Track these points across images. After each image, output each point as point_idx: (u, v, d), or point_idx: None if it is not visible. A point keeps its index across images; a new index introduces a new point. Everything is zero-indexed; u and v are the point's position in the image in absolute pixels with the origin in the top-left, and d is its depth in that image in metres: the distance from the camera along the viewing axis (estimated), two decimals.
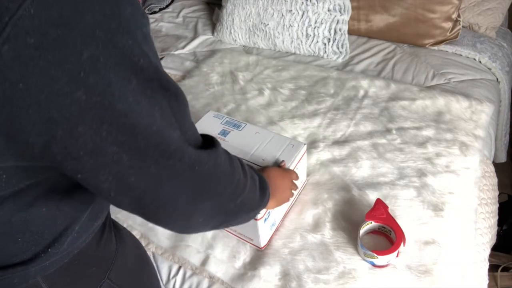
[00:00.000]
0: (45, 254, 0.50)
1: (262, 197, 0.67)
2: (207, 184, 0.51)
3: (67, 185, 0.48)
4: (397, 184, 1.04)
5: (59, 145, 0.37)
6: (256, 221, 0.85)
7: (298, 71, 1.50)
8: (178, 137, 0.45)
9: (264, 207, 0.70)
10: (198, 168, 0.48)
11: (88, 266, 0.59)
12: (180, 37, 1.86)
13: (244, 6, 1.68)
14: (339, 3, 1.54)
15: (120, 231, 0.69)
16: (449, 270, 0.88)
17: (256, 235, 0.90)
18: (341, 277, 0.87)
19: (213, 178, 0.52)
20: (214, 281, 0.93)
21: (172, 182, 0.46)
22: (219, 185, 0.53)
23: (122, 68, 0.37)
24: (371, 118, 1.26)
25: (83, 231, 0.55)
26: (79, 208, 0.52)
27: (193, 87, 1.48)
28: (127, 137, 0.40)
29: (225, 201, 0.56)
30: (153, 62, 0.40)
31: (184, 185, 0.48)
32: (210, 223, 0.57)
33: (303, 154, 0.97)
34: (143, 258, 0.76)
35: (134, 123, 0.40)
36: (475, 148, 1.13)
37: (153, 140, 0.42)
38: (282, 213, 0.97)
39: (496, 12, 1.62)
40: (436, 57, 1.54)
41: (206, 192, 0.52)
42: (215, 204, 0.54)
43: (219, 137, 1.00)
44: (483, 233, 1.01)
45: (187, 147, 0.46)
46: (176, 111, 0.45)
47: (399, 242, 0.87)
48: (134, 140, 0.40)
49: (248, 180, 0.61)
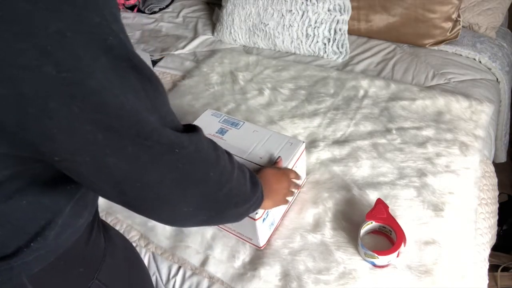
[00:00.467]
0: (28, 249, 0.50)
1: (253, 190, 0.65)
2: (190, 168, 0.50)
3: (47, 178, 0.48)
4: (397, 184, 1.04)
5: (31, 123, 0.37)
6: (255, 221, 0.85)
7: (298, 71, 1.50)
8: (156, 120, 0.44)
9: (257, 202, 0.68)
10: (178, 151, 0.47)
11: (75, 267, 0.59)
12: (180, 37, 1.86)
13: (244, 6, 1.68)
14: (339, 3, 1.54)
15: (109, 232, 0.68)
16: (449, 270, 0.88)
17: (255, 235, 0.90)
18: (342, 277, 0.87)
19: (195, 163, 0.50)
20: (214, 281, 0.93)
21: (153, 165, 0.45)
22: (203, 170, 0.52)
23: (90, 44, 0.37)
24: (371, 118, 1.26)
25: (67, 227, 0.54)
26: (61, 202, 0.52)
27: (193, 87, 1.48)
28: (100, 115, 0.39)
29: (212, 190, 0.54)
30: (123, 42, 0.40)
31: (165, 170, 0.47)
32: (199, 214, 0.55)
33: (301, 152, 0.97)
34: (134, 259, 0.75)
35: (106, 100, 0.39)
36: (475, 148, 1.13)
37: (128, 119, 0.41)
38: (281, 212, 0.97)
39: (496, 12, 1.62)
40: (436, 57, 1.54)
41: (189, 178, 0.50)
42: (201, 192, 0.53)
43: (216, 136, 1.00)
44: (483, 233, 1.01)
45: (165, 129, 0.45)
46: (151, 96, 0.44)
47: (400, 242, 0.87)
48: (108, 118, 0.40)
49: (235, 169, 0.59)
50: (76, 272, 0.59)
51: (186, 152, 0.48)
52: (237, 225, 0.91)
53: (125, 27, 0.42)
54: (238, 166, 0.61)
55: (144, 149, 0.44)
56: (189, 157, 0.49)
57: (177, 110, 1.37)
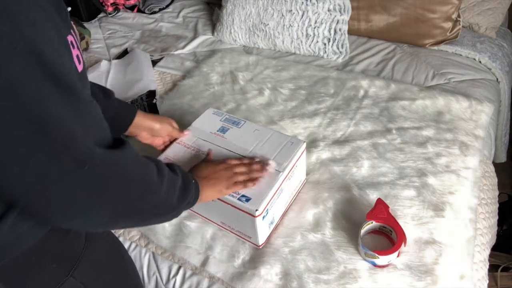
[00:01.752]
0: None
1: (184, 196, 0.66)
2: (105, 184, 0.49)
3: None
4: (397, 184, 1.04)
5: None
6: (255, 218, 0.85)
7: (298, 71, 1.50)
8: (72, 132, 0.44)
9: (187, 205, 0.69)
10: (90, 166, 0.46)
11: (47, 263, 0.58)
12: (180, 37, 1.86)
13: (244, 6, 1.68)
14: (339, 3, 1.54)
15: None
16: (449, 270, 0.88)
17: (254, 233, 0.90)
18: (342, 277, 0.87)
19: (113, 179, 0.50)
20: (214, 281, 0.93)
21: (61, 179, 0.44)
22: (122, 186, 0.52)
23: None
24: (371, 118, 1.26)
25: (23, 220, 0.53)
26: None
27: (193, 87, 1.48)
28: (7, 124, 0.39)
29: (133, 202, 0.54)
30: (39, 49, 0.40)
31: (75, 184, 0.46)
32: (120, 222, 0.56)
33: (302, 151, 0.97)
34: (118, 256, 0.74)
35: (15, 108, 0.39)
36: (475, 148, 1.13)
37: (34, 123, 0.40)
38: (281, 211, 0.97)
39: (496, 12, 1.62)
40: (436, 57, 1.54)
41: (105, 193, 0.50)
42: (120, 205, 0.53)
43: (218, 134, 1.00)
44: (483, 233, 1.01)
45: (84, 139, 0.45)
46: (71, 106, 0.43)
47: (400, 242, 0.87)
48: (13, 119, 0.39)
49: (164, 183, 0.59)
50: (48, 268, 0.58)
51: (101, 168, 0.48)
52: (237, 223, 0.91)
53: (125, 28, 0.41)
54: (168, 177, 0.62)
55: (52, 162, 0.43)
56: (104, 173, 0.49)
57: (177, 110, 1.37)
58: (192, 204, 0.72)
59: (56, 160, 0.43)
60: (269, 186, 0.87)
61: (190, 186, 0.70)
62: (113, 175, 0.50)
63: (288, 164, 0.92)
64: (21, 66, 0.38)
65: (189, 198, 0.69)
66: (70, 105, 0.44)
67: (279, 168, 0.91)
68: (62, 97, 0.43)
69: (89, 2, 2.03)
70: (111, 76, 1.63)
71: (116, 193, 0.51)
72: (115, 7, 2.07)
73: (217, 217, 0.96)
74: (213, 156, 0.94)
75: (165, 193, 0.60)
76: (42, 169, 0.43)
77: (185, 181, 0.68)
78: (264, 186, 0.87)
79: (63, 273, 0.60)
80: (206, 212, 0.98)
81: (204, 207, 0.96)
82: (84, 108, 0.47)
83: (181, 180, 0.66)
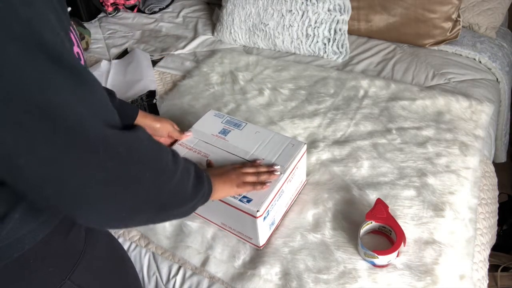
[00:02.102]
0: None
1: (198, 187, 0.63)
2: (121, 169, 0.46)
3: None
4: (397, 184, 1.04)
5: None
6: (256, 219, 0.85)
7: (298, 71, 1.50)
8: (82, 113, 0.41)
9: (204, 197, 0.67)
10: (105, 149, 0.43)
11: (44, 266, 0.57)
12: (180, 37, 1.86)
13: (244, 6, 1.68)
14: (339, 3, 1.55)
15: (93, 231, 0.66)
16: (449, 270, 0.88)
17: (255, 234, 0.90)
18: (342, 277, 0.87)
19: (128, 163, 0.46)
20: (214, 281, 0.93)
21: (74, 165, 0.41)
22: (137, 171, 0.48)
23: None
24: (371, 118, 1.26)
25: (24, 223, 0.52)
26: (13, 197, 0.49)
27: (193, 87, 1.48)
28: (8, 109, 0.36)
29: (148, 191, 0.51)
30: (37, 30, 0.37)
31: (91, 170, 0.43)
32: (136, 217, 0.53)
33: (303, 153, 0.97)
34: (118, 259, 0.73)
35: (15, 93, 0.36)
36: (475, 148, 1.13)
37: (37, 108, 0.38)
38: (281, 212, 0.97)
39: (496, 12, 1.62)
40: (436, 57, 1.54)
41: (120, 179, 0.46)
42: (135, 194, 0.49)
43: (219, 136, 1.00)
44: (483, 233, 1.01)
45: (93, 122, 0.42)
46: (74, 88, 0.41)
47: (400, 242, 0.87)
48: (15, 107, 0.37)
49: (178, 170, 0.56)
50: (45, 271, 0.58)
51: (115, 151, 0.45)
52: (238, 224, 0.91)
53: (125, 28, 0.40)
54: (183, 166, 0.59)
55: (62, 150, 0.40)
56: (119, 157, 0.45)
57: (177, 110, 1.37)
58: (207, 197, 0.69)
59: (66, 147, 0.40)
60: (270, 187, 0.87)
61: (203, 177, 0.67)
62: (129, 157, 0.47)
63: (289, 166, 0.92)
64: (17, 47, 0.36)
65: (203, 189, 0.66)
66: (76, 87, 0.41)
67: (280, 170, 0.91)
68: (66, 79, 0.40)
69: (89, 2, 2.03)
70: (111, 76, 1.63)
71: (134, 177, 0.48)
72: (115, 7, 2.08)
73: (217, 218, 0.96)
74: (214, 165, 0.93)
75: (180, 180, 0.57)
76: (52, 158, 0.40)
77: (199, 172, 0.65)
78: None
79: (60, 277, 0.59)
80: (206, 213, 0.98)
81: (204, 208, 0.96)
82: (91, 89, 0.44)
83: (194, 168, 0.63)
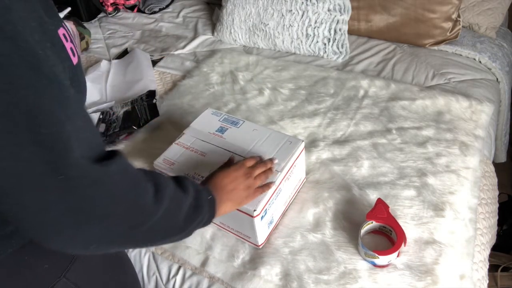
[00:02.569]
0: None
1: (192, 217, 0.59)
2: (86, 201, 0.42)
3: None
4: (397, 184, 1.04)
5: None
6: (253, 219, 0.85)
7: (298, 71, 1.50)
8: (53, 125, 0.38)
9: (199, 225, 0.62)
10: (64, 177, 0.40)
11: (39, 263, 0.57)
12: (180, 37, 1.86)
13: (244, 6, 1.68)
14: (339, 3, 1.54)
15: None
16: (449, 270, 0.88)
17: (253, 233, 0.90)
18: (342, 277, 0.87)
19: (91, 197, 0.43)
20: (214, 281, 0.93)
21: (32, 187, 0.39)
22: (103, 206, 0.44)
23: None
24: (371, 118, 1.26)
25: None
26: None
27: (193, 87, 1.48)
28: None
29: (121, 226, 0.47)
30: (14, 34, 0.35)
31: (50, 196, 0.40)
32: (110, 247, 0.49)
33: (301, 151, 0.97)
34: (115, 258, 0.72)
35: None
36: (475, 148, 1.13)
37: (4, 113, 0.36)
38: (280, 210, 0.97)
39: (496, 12, 1.62)
40: (436, 57, 1.54)
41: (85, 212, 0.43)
42: (105, 228, 0.46)
43: (216, 134, 1.00)
44: (483, 233, 1.01)
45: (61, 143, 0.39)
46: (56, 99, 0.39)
47: (400, 242, 0.87)
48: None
49: (161, 208, 0.51)
50: (40, 268, 0.57)
51: (78, 183, 0.41)
52: (236, 223, 0.91)
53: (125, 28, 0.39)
54: (170, 201, 0.53)
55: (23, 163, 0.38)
56: (82, 189, 0.42)
57: (177, 110, 1.37)
58: (206, 223, 0.65)
59: (27, 161, 0.38)
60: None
61: (203, 205, 0.63)
62: (93, 191, 0.43)
63: (287, 164, 0.92)
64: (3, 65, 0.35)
65: (200, 218, 0.62)
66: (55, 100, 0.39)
67: (277, 167, 0.91)
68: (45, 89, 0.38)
69: (89, 2, 2.03)
70: (111, 76, 1.63)
71: (100, 213, 0.44)
72: (115, 7, 2.08)
73: (216, 218, 0.96)
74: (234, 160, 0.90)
75: (164, 217, 0.52)
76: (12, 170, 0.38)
77: (198, 200, 0.61)
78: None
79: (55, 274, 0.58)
80: None
81: None
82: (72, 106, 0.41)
83: (191, 199, 0.59)
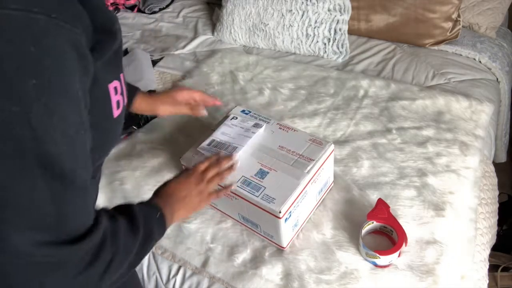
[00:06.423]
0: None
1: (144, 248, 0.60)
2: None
3: None
4: (397, 184, 1.04)
5: None
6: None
7: (298, 71, 1.50)
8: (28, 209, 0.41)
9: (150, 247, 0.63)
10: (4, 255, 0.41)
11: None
12: (180, 37, 1.86)
13: (244, 6, 1.68)
14: (339, 3, 1.54)
15: None
16: (450, 270, 0.88)
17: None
18: (343, 277, 0.87)
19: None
20: (214, 281, 0.93)
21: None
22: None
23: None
24: (371, 118, 1.26)
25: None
26: None
27: (193, 87, 1.48)
28: None
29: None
30: (38, 136, 0.38)
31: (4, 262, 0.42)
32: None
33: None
34: None
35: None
36: (475, 148, 1.13)
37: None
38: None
39: (496, 12, 1.62)
40: (436, 57, 1.54)
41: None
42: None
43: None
44: (483, 233, 1.01)
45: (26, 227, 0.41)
46: (58, 194, 0.41)
47: (401, 242, 0.87)
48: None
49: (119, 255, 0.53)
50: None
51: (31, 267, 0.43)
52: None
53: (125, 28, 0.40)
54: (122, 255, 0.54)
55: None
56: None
57: None
58: (159, 239, 0.65)
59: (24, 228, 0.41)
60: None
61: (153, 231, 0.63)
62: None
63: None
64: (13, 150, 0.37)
65: (152, 243, 0.62)
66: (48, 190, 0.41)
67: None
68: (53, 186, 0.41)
69: None
70: None
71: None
72: (115, 7, 2.07)
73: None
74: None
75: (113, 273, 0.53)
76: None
77: (148, 228, 0.61)
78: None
79: None
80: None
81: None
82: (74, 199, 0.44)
83: (142, 233, 0.59)
